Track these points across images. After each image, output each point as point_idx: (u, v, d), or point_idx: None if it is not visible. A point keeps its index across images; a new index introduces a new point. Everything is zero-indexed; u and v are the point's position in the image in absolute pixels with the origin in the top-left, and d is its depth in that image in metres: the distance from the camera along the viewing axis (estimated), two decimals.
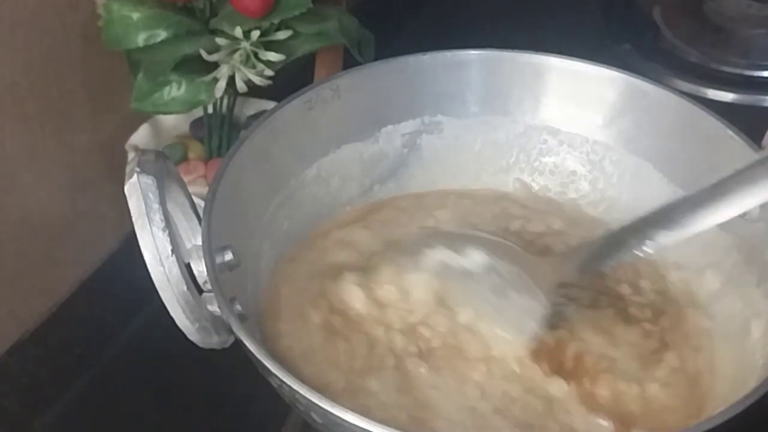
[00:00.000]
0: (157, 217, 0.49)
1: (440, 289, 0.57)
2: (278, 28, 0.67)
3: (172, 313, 0.50)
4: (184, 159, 0.74)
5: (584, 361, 0.56)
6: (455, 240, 0.58)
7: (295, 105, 0.63)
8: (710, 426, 0.47)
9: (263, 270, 0.60)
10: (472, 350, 0.55)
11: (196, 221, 0.55)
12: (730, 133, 0.61)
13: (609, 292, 0.61)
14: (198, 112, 0.74)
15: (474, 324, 0.56)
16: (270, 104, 0.74)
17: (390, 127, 0.67)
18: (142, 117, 0.73)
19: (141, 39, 0.66)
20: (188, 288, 0.50)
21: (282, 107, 0.62)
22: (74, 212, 0.72)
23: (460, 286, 0.57)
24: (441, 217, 0.66)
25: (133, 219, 0.50)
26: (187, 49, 0.66)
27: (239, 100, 0.75)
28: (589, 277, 0.59)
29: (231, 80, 0.66)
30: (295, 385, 0.47)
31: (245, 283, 0.57)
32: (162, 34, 0.66)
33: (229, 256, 0.54)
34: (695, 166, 0.63)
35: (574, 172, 0.68)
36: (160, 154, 0.52)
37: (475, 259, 0.57)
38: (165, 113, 0.72)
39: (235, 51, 0.66)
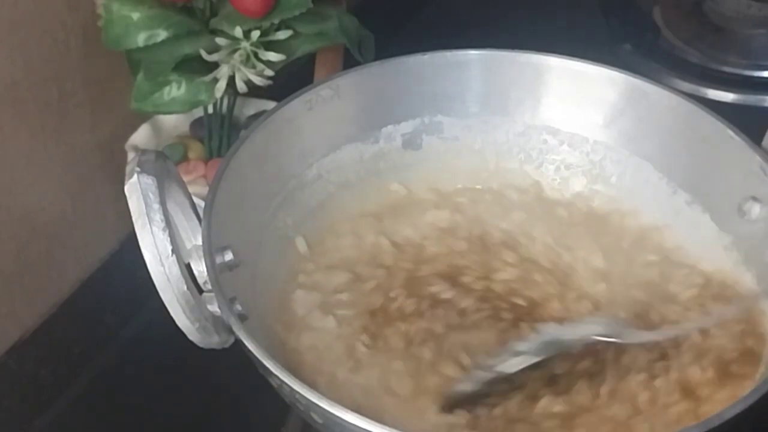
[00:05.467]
0: (157, 217, 0.49)
1: None
2: (278, 28, 0.67)
3: (172, 313, 0.50)
4: (184, 159, 0.74)
5: None
6: None
7: (295, 105, 0.63)
8: (710, 426, 0.47)
9: (264, 270, 0.60)
10: None
11: (196, 221, 0.55)
12: (730, 133, 0.61)
13: None
14: (198, 112, 0.74)
15: None
16: (270, 104, 0.74)
17: (390, 127, 0.67)
18: (142, 117, 0.73)
19: (141, 39, 0.66)
20: (188, 288, 0.50)
21: (282, 107, 0.62)
22: (74, 212, 0.72)
23: None
24: (441, 216, 0.66)
25: (133, 219, 0.50)
26: (187, 49, 0.66)
27: (239, 100, 0.75)
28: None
29: (231, 80, 0.66)
30: (295, 385, 0.47)
31: (245, 283, 0.57)
32: (162, 34, 0.66)
33: (229, 256, 0.54)
34: (695, 166, 0.63)
35: (573, 172, 0.68)
36: (160, 154, 0.52)
37: None
38: (165, 113, 0.72)
39: (235, 51, 0.66)
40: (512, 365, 0.54)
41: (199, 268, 0.53)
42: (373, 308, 0.59)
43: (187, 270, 0.51)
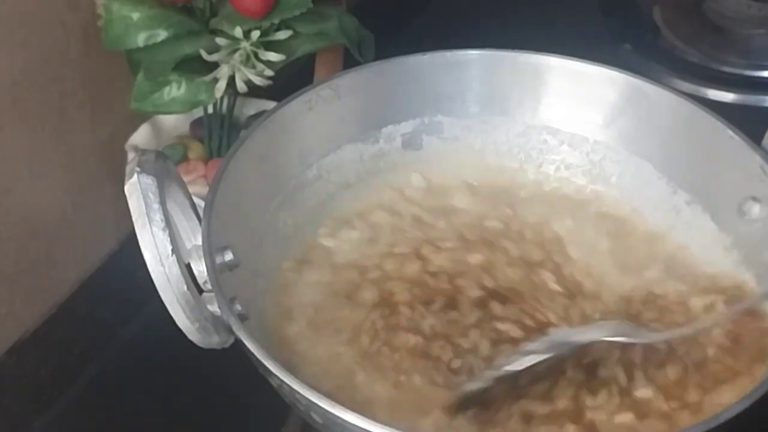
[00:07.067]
0: (157, 217, 0.49)
1: None
2: (278, 28, 0.67)
3: (172, 313, 0.50)
4: (184, 159, 0.74)
5: None
6: None
7: (295, 105, 0.63)
8: (710, 426, 0.47)
9: (264, 270, 0.60)
10: None
11: (196, 221, 0.55)
12: (730, 133, 0.61)
13: None
14: (198, 112, 0.74)
15: None
16: (270, 104, 0.74)
17: (390, 127, 0.67)
18: (142, 117, 0.73)
19: (141, 39, 0.66)
20: (188, 288, 0.50)
21: (282, 107, 0.62)
22: (74, 212, 0.72)
23: None
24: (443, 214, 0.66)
25: (133, 219, 0.50)
26: (187, 49, 0.66)
27: (239, 100, 0.75)
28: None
29: (231, 80, 0.66)
30: (295, 385, 0.47)
31: (245, 283, 0.57)
32: (162, 34, 0.66)
33: (229, 256, 0.54)
34: (695, 166, 0.63)
35: (573, 172, 0.68)
36: (160, 154, 0.52)
37: None
38: (165, 113, 0.72)
39: (235, 51, 0.66)
40: (520, 363, 0.54)
41: (199, 268, 0.53)
42: (376, 308, 0.59)
43: (187, 270, 0.51)
